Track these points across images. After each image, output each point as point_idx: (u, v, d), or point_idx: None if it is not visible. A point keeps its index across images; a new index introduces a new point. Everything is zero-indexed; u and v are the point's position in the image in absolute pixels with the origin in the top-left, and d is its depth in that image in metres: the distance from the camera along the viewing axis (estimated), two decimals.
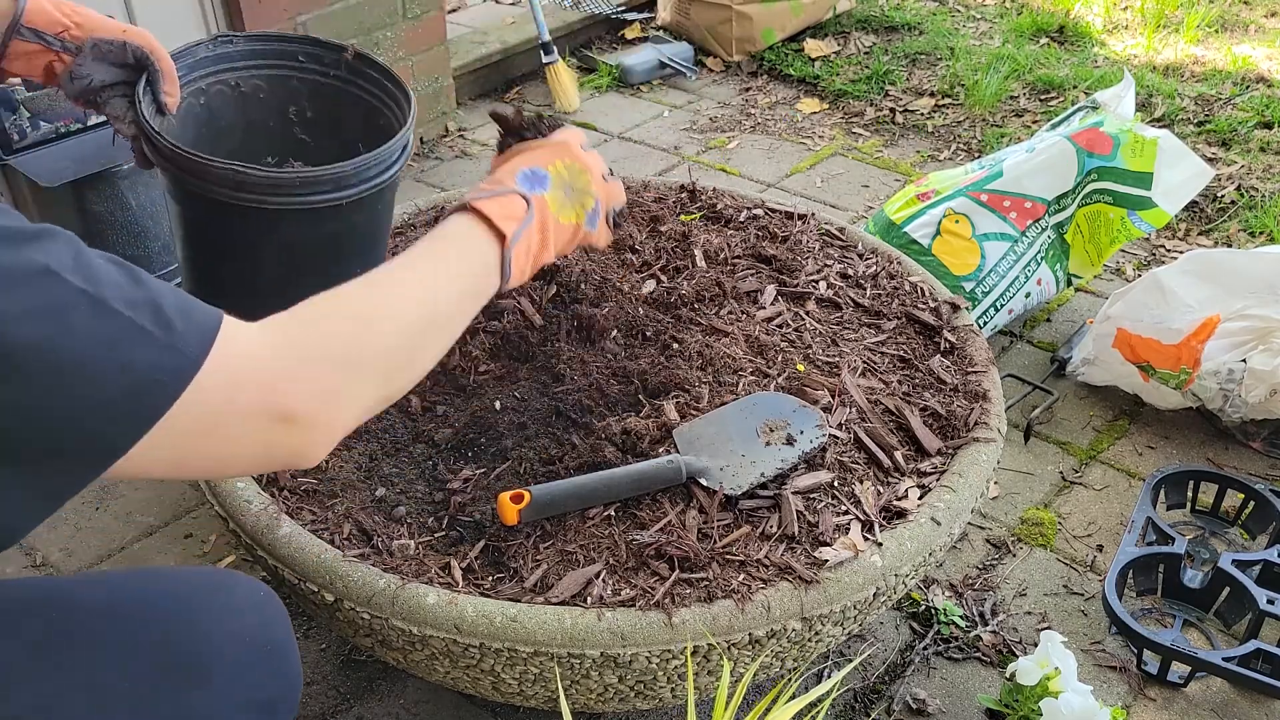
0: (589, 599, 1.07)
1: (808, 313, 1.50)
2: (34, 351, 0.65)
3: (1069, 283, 2.17)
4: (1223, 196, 2.58)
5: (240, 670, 0.90)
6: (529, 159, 1.03)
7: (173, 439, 0.71)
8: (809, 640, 1.12)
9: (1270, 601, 1.45)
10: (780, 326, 1.46)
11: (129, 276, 0.72)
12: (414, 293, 0.88)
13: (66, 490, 0.72)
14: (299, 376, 0.77)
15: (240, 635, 0.91)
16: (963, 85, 3.17)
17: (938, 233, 2.02)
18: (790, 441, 1.23)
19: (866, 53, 3.45)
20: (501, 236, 0.94)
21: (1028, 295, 2.08)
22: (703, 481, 1.18)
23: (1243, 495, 1.69)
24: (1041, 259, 2.07)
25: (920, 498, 1.21)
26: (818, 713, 1.10)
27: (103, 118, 1.25)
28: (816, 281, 1.56)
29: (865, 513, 1.18)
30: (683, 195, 1.79)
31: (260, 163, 1.36)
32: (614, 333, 1.43)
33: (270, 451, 0.77)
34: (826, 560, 1.11)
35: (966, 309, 1.53)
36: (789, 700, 1.03)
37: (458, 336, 0.93)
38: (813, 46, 3.46)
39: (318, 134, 1.46)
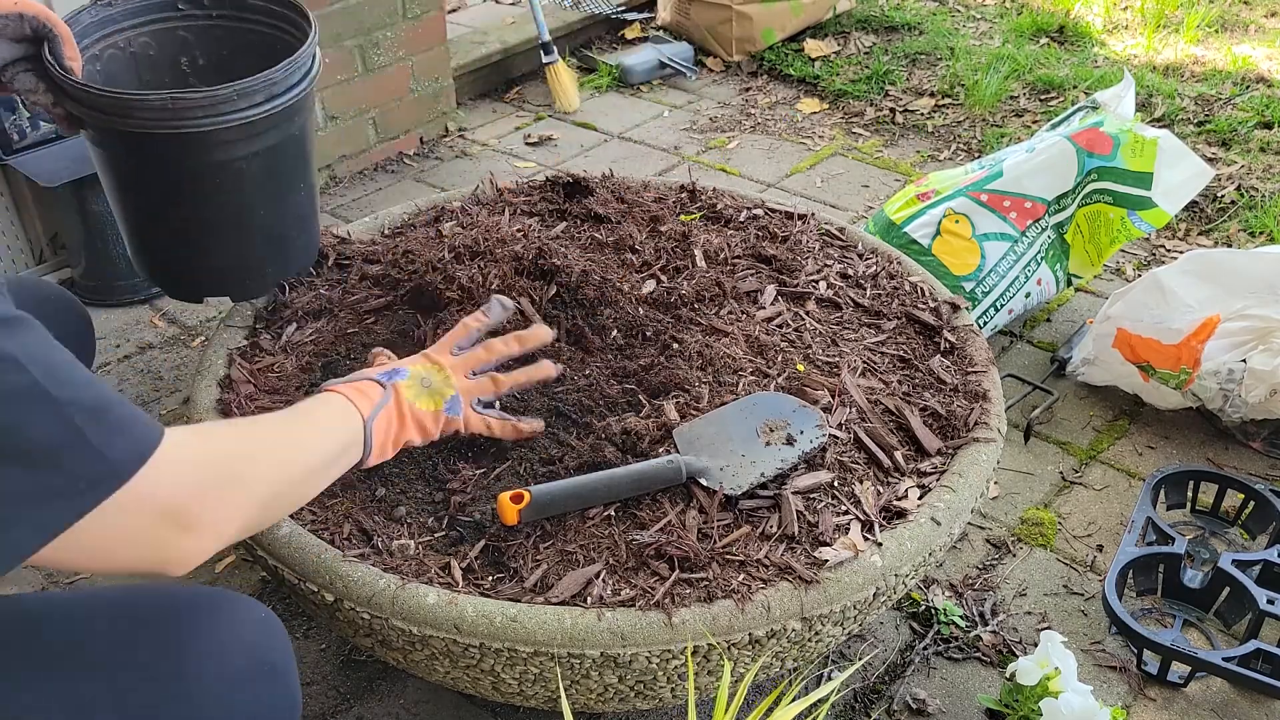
0: (589, 599, 1.07)
1: (808, 313, 1.50)
2: None
3: (1069, 283, 2.17)
4: (1223, 196, 2.58)
5: (236, 693, 0.89)
6: (395, 361, 1.19)
7: (76, 539, 0.77)
8: (809, 640, 1.12)
9: (1270, 601, 1.45)
10: (780, 326, 1.46)
11: (87, 382, 0.77)
12: (293, 443, 1.01)
13: None
14: (204, 494, 0.86)
15: (237, 657, 0.90)
16: (963, 85, 3.17)
17: (938, 233, 2.02)
18: (790, 441, 1.23)
19: (866, 53, 3.45)
20: (359, 411, 1.07)
21: (1028, 295, 2.08)
22: (703, 481, 1.18)
23: (1243, 495, 1.69)
24: (1041, 259, 2.07)
25: (920, 498, 1.21)
26: (818, 714, 1.10)
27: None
28: (816, 281, 1.56)
29: (865, 513, 1.18)
30: (683, 195, 1.79)
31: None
32: (614, 333, 1.43)
33: (157, 551, 0.83)
34: (826, 560, 1.11)
35: (966, 309, 1.53)
36: (790, 701, 1.03)
37: (315, 494, 1.05)
38: (813, 46, 3.46)
39: (213, 79, 1.46)
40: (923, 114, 3.10)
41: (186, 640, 0.88)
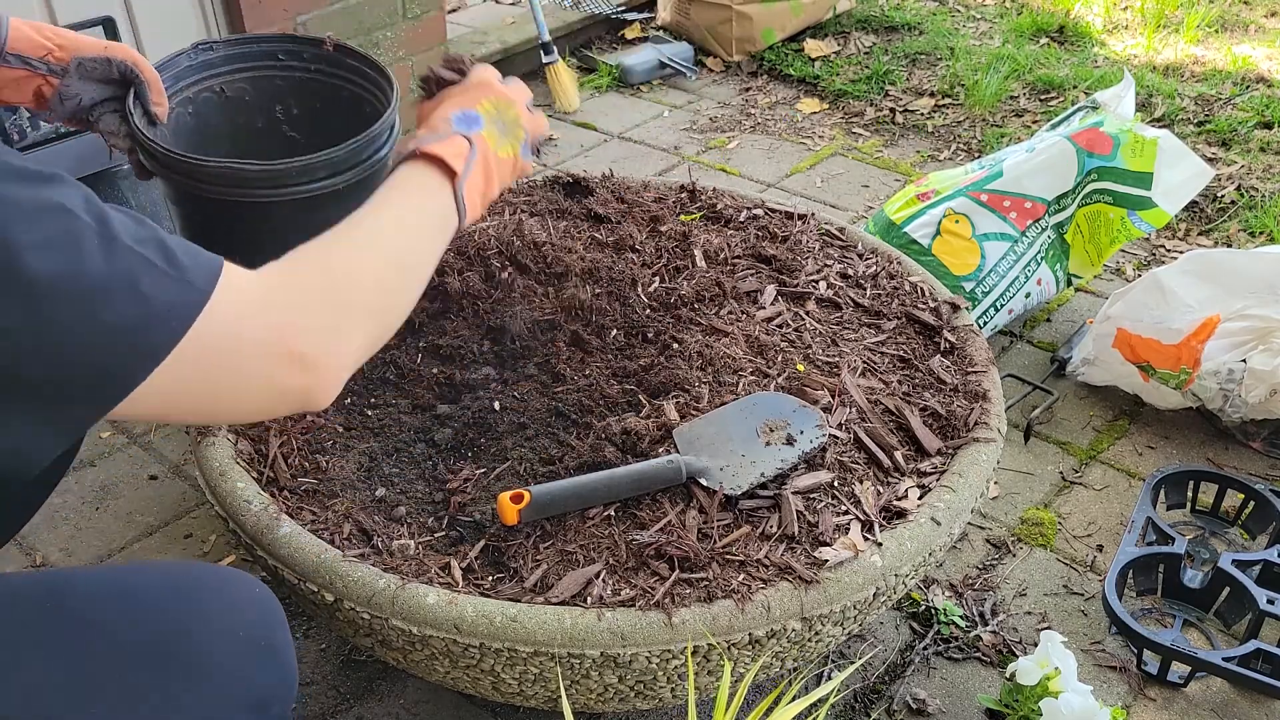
0: (589, 599, 1.07)
1: (808, 313, 1.50)
2: (52, 280, 0.68)
3: (1069, 283, 2.17)
4: (1223, 196, 2.58)
5: (234, 667, 0.90)
6: (457, 102, 1.09)
7: (185, 371, 0.74)
8: (809, 640, 1.12)
9: (1270, 601, 1.45)
10: (780, 326, 1.46)
11: (135, 219, 0.75)
12: (388, 239, 0.94)
13: (81, 424, 0.75)
14: (302, 317, 0.82)
15: (235, 632, 0.91)
16: (963, 85, 3.17)
17: (938, 233, 2.02)
18: (790, 441, 1.23)
19: (866, 53, 3.45)
20: (453, 174, 1.00)
21: (1028, 295, 2.08)
22: (703, 481, 1.18)
23: (1243, 495, 1.69)
24: (1041, 259, 2.07)
25: (920, 498, 1.21)
26: (818, 714, 1.10)
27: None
28: (816, 281, 1.56)
29: (865, 513, 1.18)
30: (683, 195, 1.79)
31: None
32: (614, 333, 1.43)
33: (281, 393, 0.81)
34: (826, 560, 1.11)
35: (966, 309, 1.53)
36: (790, 701, 1.03)
37: (429, 277, 0.99)
38: (813, 46, 3.46)
39: (305, 129, 1.48)
40: (923, 114, 3.10)
41: (185, 619, 0.89)
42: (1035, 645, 1.44)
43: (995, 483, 1.82)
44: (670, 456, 1.20)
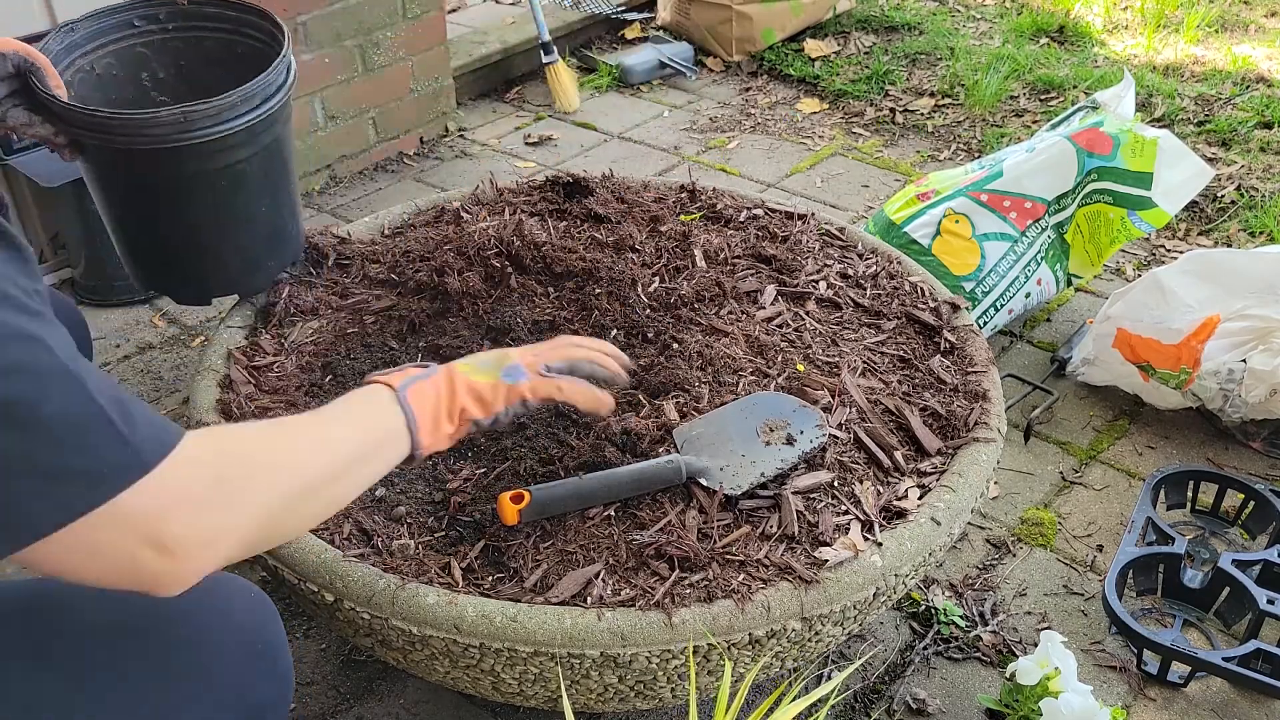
0: (589, 599, 1.07)
1: (808, 313, 1.49)
2: (8, 407, 0.66)
3: (1069, 283, 2.17)
4: (1223, 196, 2.58)
5: (230, 674, 0.89)
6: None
7: (74, 537, 0.71)
8: (809, 640, 1.12)
9: (1270, 601, 1.45)
10: (780, 326, 1.46)
11: (107, 377, 0.74)
12: (314, 449, 0.88)
13: None
14: (185, 510, 0.76)
15: (231, 638, 0.90)
16: (963, 85, 3.17)
17: (938, 233, 2.02)
18: (790, 441, 1.23)
19: (866, 53, 3.45)
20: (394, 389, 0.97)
21: (1028, 295, 2.08)
22: (702, 481, 1.18)
23: (1243, 495, 1.69)
24: (1041, 259, 2.07)
25: (920, 498, 1.21)
26: (818, 714, 1.10)
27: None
28: (816, 281, 1.56)
29: (865, 513, 1.18)
30: (683, 195, 1.79)
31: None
32: (614, 333, 1.43)
33: (133, 570, 0.75)
34: (826, 560, 1.11)
35: (966, 309, 1.53)
36: (791, 701, 1.03)
37: (354, 495, 0.93)
38: (813, 46, 3.46)
39: (176, 90, 1.53)
40: (923, 114, 3.10)
41: (179, 622, 0.88)
42: (1035, 645, 1.44)
43: (995, 483, 1.82)
44: (670, 456, 1.20)
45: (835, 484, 1.21)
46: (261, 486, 0.82)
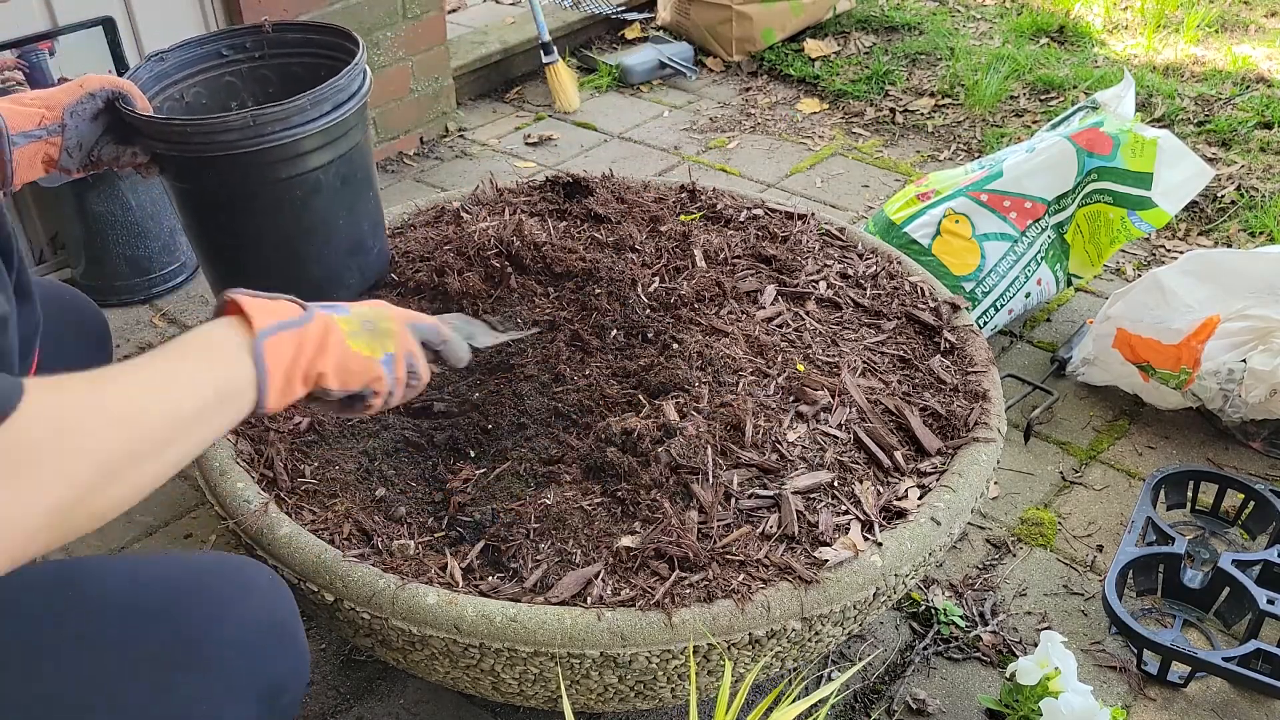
0: (589, 599, 1.07)
1: (808, 313, 1.49)
2: None
3: (1069, 283, 2.17)
4: (1223, 196, 2.58)
5: (246, 650, 0.90)
6: (339, 303, 0.97)
7: None
8: (809, 640, 1.12)
9: (1270, 601, 1.45)
10: (780, 326, 1.46)
11: None
12: (127, 403, 0.74)
13: None
14: None
15: (246, 616, 0.91)
16: (963, 85, 3.17)
17: (938, 233, 2.02)
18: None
19: (866, 53, 3.45)
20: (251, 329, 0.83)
21: (1028, 295, 2.08)
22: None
23: (1243, 495, 1.69)
24: (1041, 259, 2.07)
25: (920, 498, 1.21)
26: (819, 714, 1.10)
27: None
28: (816, 281, 1.56)
29: (865, 513, 1.18)
30: (683, 195, 1.79)
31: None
32: (614, 333, 1.42)
33: None
34: (826, 560, 1.11)
35: (966, 309, 1.53)
36: (791, 702, 1.03)
37: (189, 454, 0.79)
38: (813, 46, 3.46)
39: None
40: (923, 114, 3.10)
41: (199, 604, 0.89)
42: (1035, 645, 1.44)
43: (995, 483, 1.82)
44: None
45: (835, 484, 1.21)
46: (75, 456, 0.70)
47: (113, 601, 0.87)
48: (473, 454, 1.28)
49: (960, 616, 1.55)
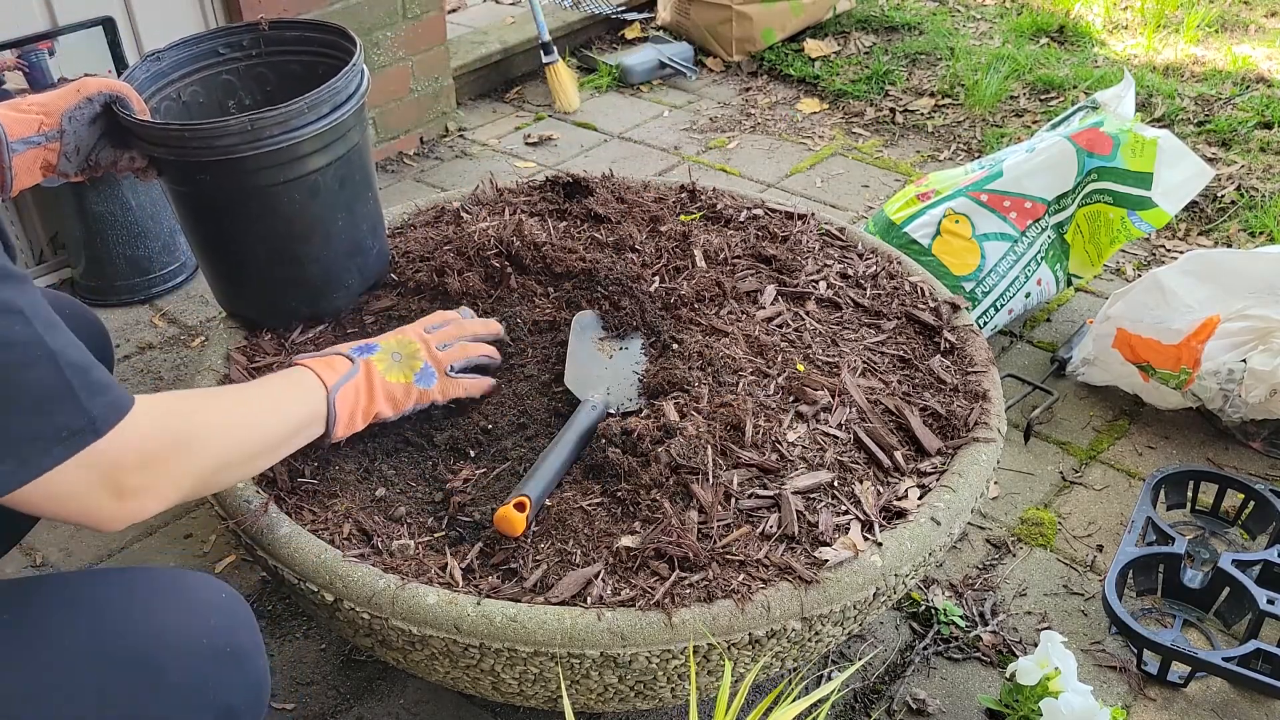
0: (589, 599, 1.07)
1: (808, 313, 1.49)
2: None
3: (1069, 283, 2.17)
4: (1223, 196, 2.58)
5: (196, 674, 0.88)
6: (367, 340, 1.23)
7: (41, 487, 0.83)
8: (809, 640, 1.12)
9: (1270, 601, 1.45)
10: (780, 326, 1.46)
11: (76, 343, 0.86)
12: (253, 421, 1.05)
13: None
14: (149, 464, 0.90)
15: (196, 638, 0.90)
16: (963, 85, 3.17)
17: (938, 233, 2.02)
18: (623, 345, 1.37)
19: (866, 53, 3.45)
20: (324, 384, 1.12)
21: (1028, 295, 2.08)
22: (614, 410, 1.29)
23: (1243, 495, 1.69)
24: (1041, 259, 2.07)
25: (920, 498, 1.21)
26: (819, 714, 1.10)
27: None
28: (816, 281, 1.56)
29: (865, 513, 1.18)
30: (683, 195, 1.79)
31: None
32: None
33: (93, 513, 0.88)
34: (826, 560, 1.11)
35: (966, 309, 1.53)
36: (791, 702, 1.03)
37: (272, 463, 1.10)
38: (813, 46, 3.46)
39: None
40: (923, 114, 3.10)
41: (145, 625, 0.88)
42: (1035, 645, 1.44)
43: (995, 483, 1.82)
44: (589, 401, 1.28)
45: (835, 484, 1.21)
46: (202, 451, 0.96)
47: (65, 616, 0.87)
48: (473, 454, 1.28)
49: (960, 616, 1.55)
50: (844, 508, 1.19)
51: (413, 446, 1.30)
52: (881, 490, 1.22)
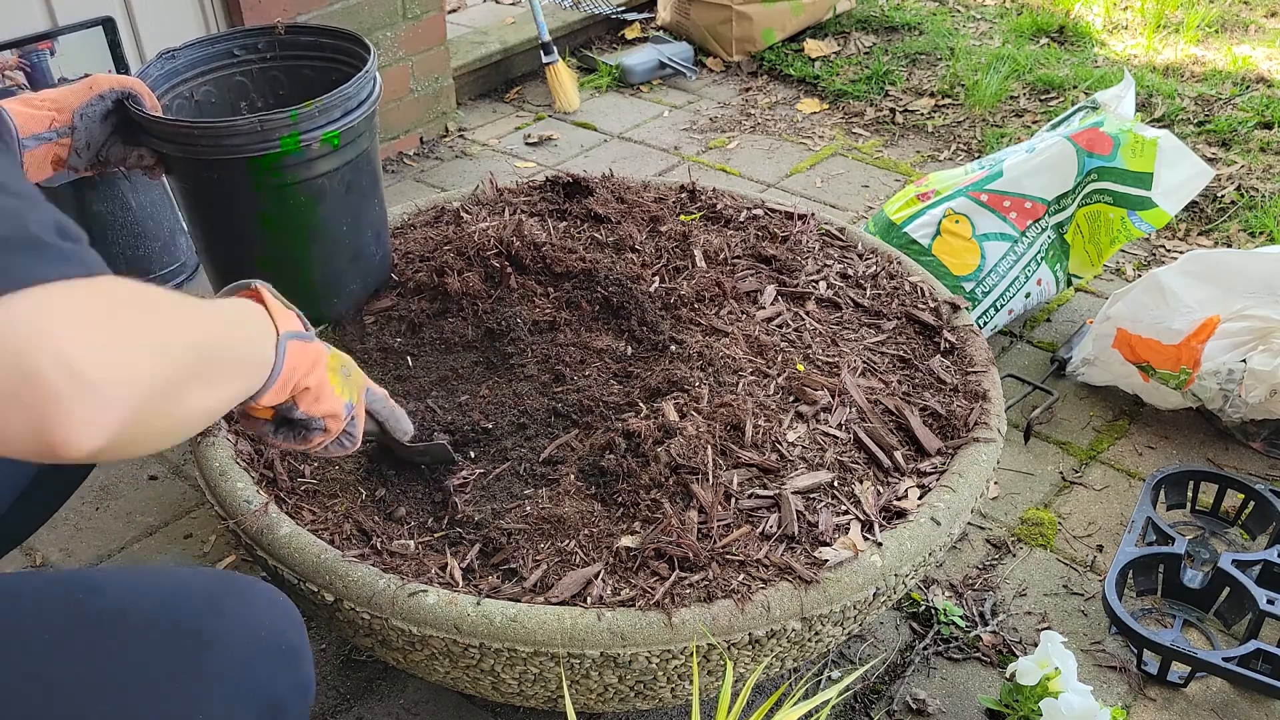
0: (589, 599, 1.07)
1: (808, 313, 1.50)
2: None
3: (1069, 283, 2.17)
4: (1223, 196, 2.58)
5: (252, 667, 0.89)
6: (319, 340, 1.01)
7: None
8: (809, 640, 1.12)
9: (1270, 601, 1.45)
10: (780, 326, 1.46)
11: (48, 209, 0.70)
12: (206, 323, 0.80)
13: None
14: (104, 344, 0.66)
15: (255, 632, 0.91)
16: (963, 85, 3.17)
17: (938, 233, 2.02)
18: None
19: (866, 53, 3.45)
20: (275, 330, 0.90)
21: (1028, 295, 2.08)
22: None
23: (1243, 495, 1.69)
24: (1041, 259, 2.07)
25: (920, 498, 1.21)
26: (820, 715, 1.10)
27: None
28: (816, 281, 1.56)
29: (865, 513, 1.18)
30: (683, 195, 1.79)
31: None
32: (614, 333, 1.42)
33: (38, 409, 0.62)
34: (826, 560, 1.11)
35: (966, 309, 1.53)
36: (793, 703, 1.03)
37: (214, 407, 0.81)
38: (813, 46, 3.46)
39: None
40: (923, 114, 3.10)
41: (202, 624, 0.89)
42: (1035, 645, 1.44)
43: (995, 483, 1.82)
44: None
45: (835, 484, 1.21)
46: (162, 336, 0.72)
47: (119, 610, 0.87)
48: (473, 454, 1.28)
49: (960, 616, 1.55)
50: (844, 508, 1.19)
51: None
52: (881, 490, 1.22)
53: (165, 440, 0.76)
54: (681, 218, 1.70)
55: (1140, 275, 2.23)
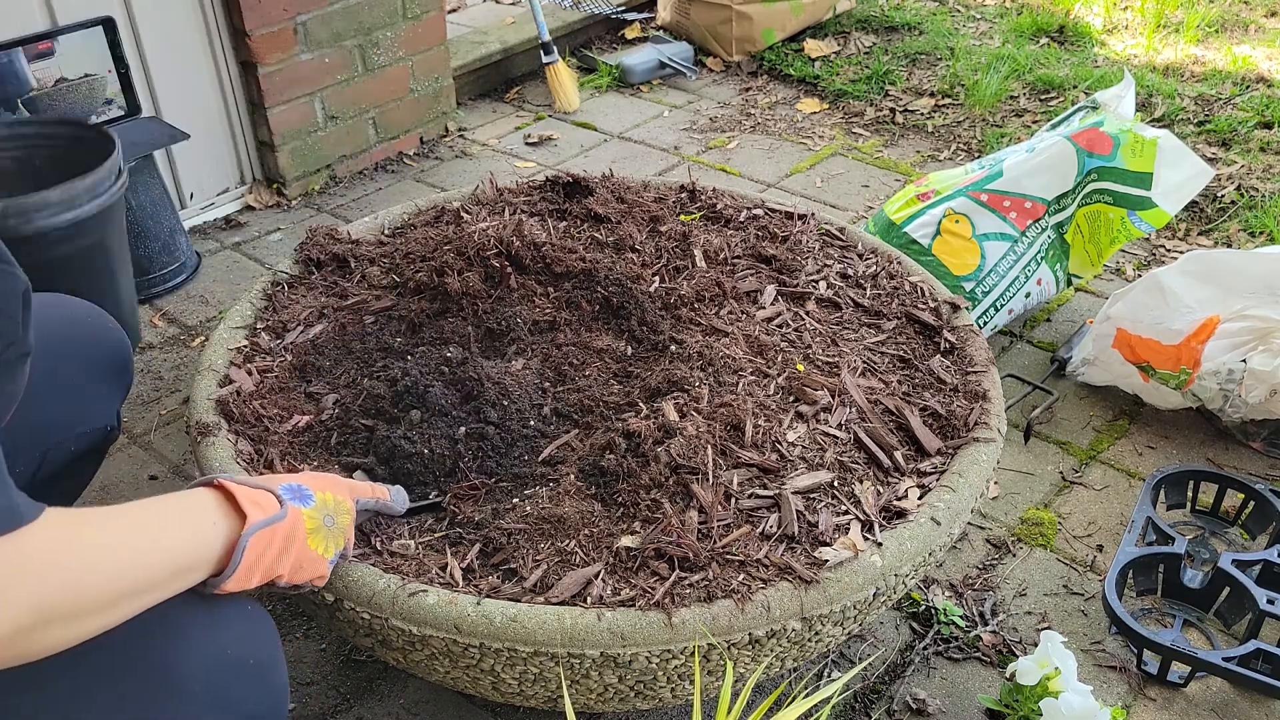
0: (589, 599, 1.07)
1: (808, 313, 1.50)
2: None
3: (1069, 283, 2.17)
4: (1223, 196, 2.58)
5: (217, 687, 0.88)
6: (299, 477, 1.02)
7: None
8: (809, 640, 1.12)
9: (1270, 601, 1.45)
10: (780, 326, 1.46)
11: None
12: (121, 557, 0.80)
13: None
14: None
15: (220, 650, 0.90)
16: (963, 85, 3.17)
17: (938, 233, 2.02)
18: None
19: (866, 53, 3.45)
20: (243, 518, 0.90)
21: (1028, 295, 2.08)
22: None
23: (1243, 495, 1.69)
24: (1041, 259, 2.07)
25: (920, 498, 1.21)
26: (820, 714, 1.10)
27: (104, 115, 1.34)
28: (816, 281, 1.56)
29: (865, 513, 1.18)
30: (683, 195, 1.79)
31: None
32: (614, 333, 1.42)
33: None
34: (826, 560, 1.11)
35: (966, 309, 1.53)
36: (793, 703, 1.03)
37: (141, 609, 0.84)
38: (813, 46, 3.46)
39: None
40: (923, 114, 3.10)
41: (171, 636, 0.88)
42: (1035, 645, 1.44)
43: (995, 483, 1.82)
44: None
45: (835, 484, 1.21)
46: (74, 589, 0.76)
47: (84, 648, 0.86)
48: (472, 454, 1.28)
49: (960, 616, 1.55)
50: (844, 508, 1.19)
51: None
52: (881, 490, 1.22)
53: (52, 650, 0.78)
54: (681, 218, 1.70)
55: (1140, 275, 2.23)
